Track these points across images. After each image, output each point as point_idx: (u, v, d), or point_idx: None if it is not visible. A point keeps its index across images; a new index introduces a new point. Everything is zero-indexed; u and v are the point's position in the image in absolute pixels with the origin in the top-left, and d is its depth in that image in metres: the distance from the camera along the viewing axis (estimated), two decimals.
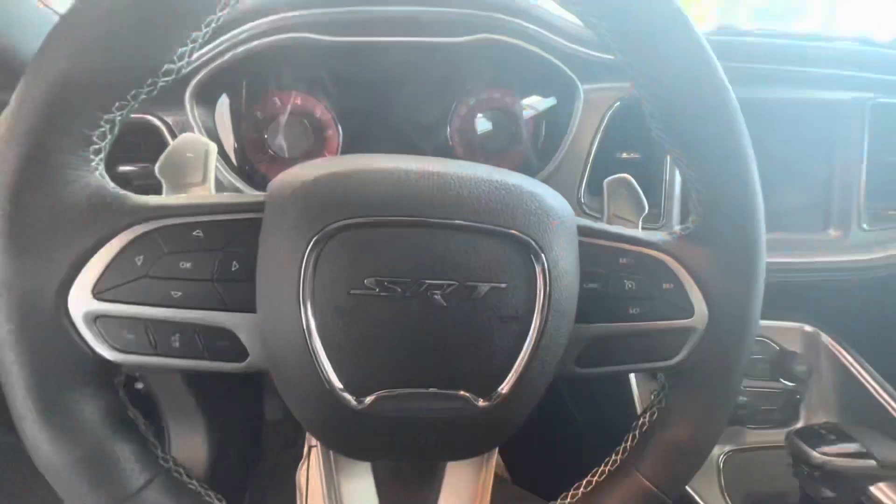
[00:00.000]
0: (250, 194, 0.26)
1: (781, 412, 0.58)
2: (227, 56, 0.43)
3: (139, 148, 0.45)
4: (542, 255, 0.24)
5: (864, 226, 0.53)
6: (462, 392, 0.25)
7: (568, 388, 0.67)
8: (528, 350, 0.25)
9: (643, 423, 0.31)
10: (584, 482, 0.31)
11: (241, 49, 0.43)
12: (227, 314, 0.24)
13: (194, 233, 0.24)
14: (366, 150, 0.52)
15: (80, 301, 0.22)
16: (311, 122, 0.50)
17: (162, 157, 0.28)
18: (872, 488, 0.48)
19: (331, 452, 0.29)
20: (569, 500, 0.30)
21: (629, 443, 0.31)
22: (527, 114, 0.52)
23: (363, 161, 0.25)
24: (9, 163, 0.21)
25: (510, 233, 0.24)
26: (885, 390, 0.53)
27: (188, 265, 0.24)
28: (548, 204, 0.26)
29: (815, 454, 0.41)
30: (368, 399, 0.24)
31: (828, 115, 0.53)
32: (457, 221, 0.24)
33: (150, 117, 0.44)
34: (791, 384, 0.58)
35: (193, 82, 0.44)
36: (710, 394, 0.29)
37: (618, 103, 0.50)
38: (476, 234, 0.24)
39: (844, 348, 0.57)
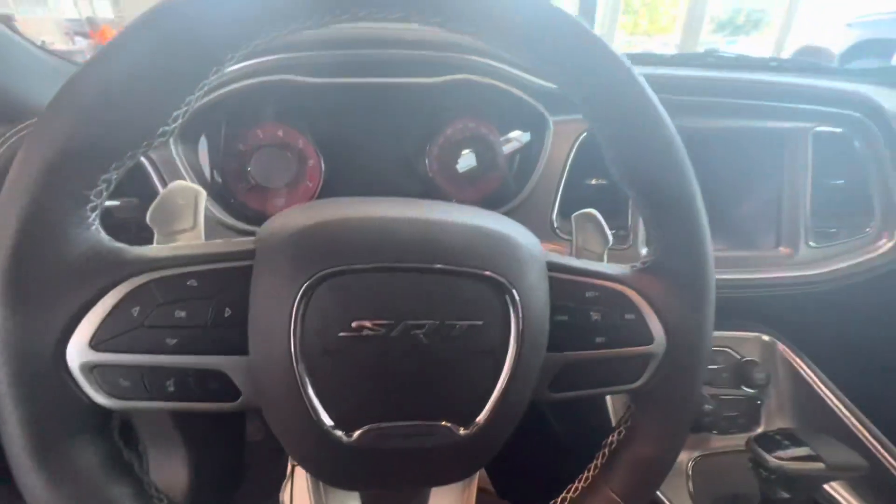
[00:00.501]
0: (240, 241, 0.27)
1: (744, 417, 0.62)
2: (211, 96, 0.45)
3: (122, 184, 0.45)
4: (515, 292, 0.26)
5: (811, 243, 0.58)
6: (444, 423, 0.27)
7: (550, 405, 0.69)
8: (504, 381, 0.27)
9: (612, 442, 0.33)
10: (560, 498, 0.33)
11: (224, 90, 0.44)
12: (220, 357, 0.25)
13: (188, 282, 0.25)
14: (348, 179, 0.54)
15: (78, 352, 0.23)
16: (294, 153, 0.51)
17: (153, 206, 0.29)
18: (825, 487, 0.52)
19: (320, 487, 0.30)
20: None
21: (599, 460, 0.33)
22: (508, 148, 0.55)
23: (347, 209, 0.27)
24: (10, 222, 0.22)
25: (485, 274, 0.26)
26: (835, 394, 0.58)
27: (183, 314, 0.25)
28: (519, 244, 0.28)
29: (771, 459, 0.45)
30: (357, 433, 0.26)
31: (776, 143, 0.58)
32: (436, 266, 0.26)
33: None
34: (751, 391, 0.62)
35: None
36: (670, 413, 0.32)
37: (584, 134, 0.53)
38: (454, 277, 0.26)
39: (798, 356, 0.61)
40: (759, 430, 0.62)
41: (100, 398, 0.24)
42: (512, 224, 0.30)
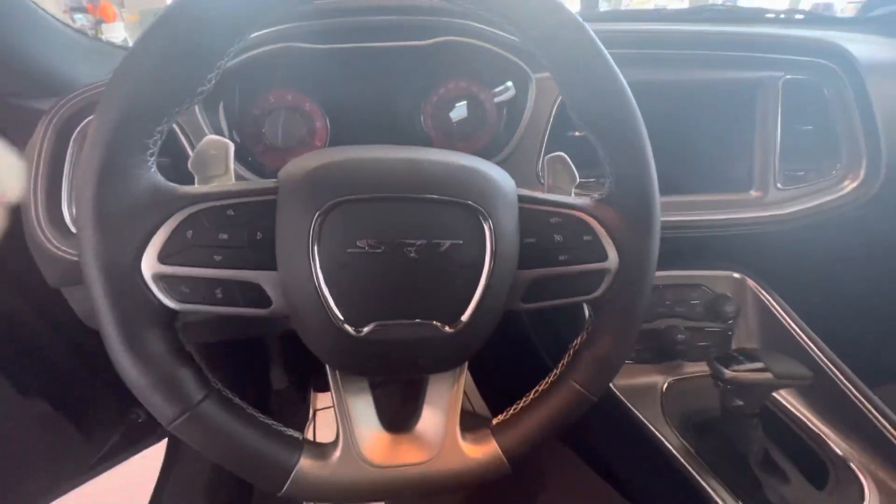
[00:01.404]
0: (265, 181, 0.34)
1: (715, 348, 0.69)
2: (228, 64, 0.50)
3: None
4: (490, 219, 0.33)
5: (780, 185, 0.62)
6: (434, 321, 0.34)
7: (540, 339, 0.77)
8: (482, 289, 0.34)
9: (575, 345, 0.40)
10: (532, 392, 0.40)
11: (236, 60, 0.50)
12: (256, 272, 0.33)
13: (228, 212, 0.32)
14: (351, 138, 0.60)
15: (149, 265, 0.31)
16: (302, 115, 0.57)
17: (193, 156, 0.36)
18: (776, 396, 0.59)
19: (339, 379, 0.38)
20: (519, 407, 0.40)
21: (565, 360, 0.40)
22: (499, 99, 0.60)
23: (353, 152, 0.34)
24: (92, 167, 0.28)
25: (467, 203, 0.33)
26: (795, 322, 0.64)
27: (225, 236, 0.32)
28: (495, 180, 0.34)
29: (726, 371, 0.51)
30: (365, 329, 0.33)
31: (748, 92, 0.62)
32: (425, 195, 0.32)
33: None
34: (723, 324, 0.69)
35: None
36: (623, 318, 0.38)
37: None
38: (441, 205, 0.33)
39: (766, 290, 0.67)
40: None
41: (167, 301, 0.31)
42: (489, 164, 0.36)
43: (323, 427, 1.10)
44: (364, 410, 0.39)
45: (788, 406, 0.62)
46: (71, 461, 0.88)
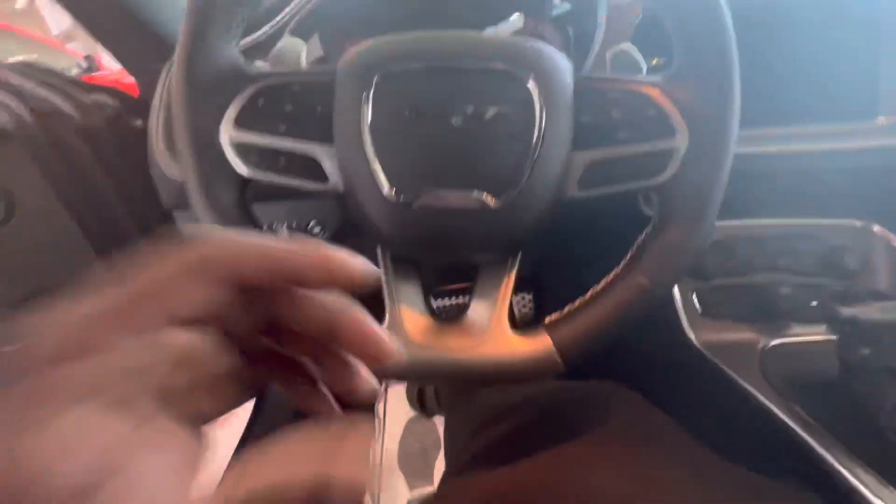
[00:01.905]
0: (328, 65, 0.36)
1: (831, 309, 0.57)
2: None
3: None
4: (539, 88, 0.32)
5: None
6: (481, 192, 0.33)
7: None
8: (530, 163, 0.32)
9: (640, 238, 0.36)
10: (592, 289, 0.37)
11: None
12: (314, 145, 0.35)
13: (293, 88, 0.35)
14: None
15: (227, 130, 0.34)
16: None
17: (274, 50, 0.39)
18: None
19: (388, 262, 0.38)
20: (576, 304, 0.37)
21: (630, 254, 0.36)
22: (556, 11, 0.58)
23: (403, 34, 0.35)
24: (185, 43, 0.33)
25: (514, 70, 0.32)
26: None
27: (289, 107, 0.34)
28: (548, 53, 0.33)
29: (844, 309, 0.43)
30: (411, 197, 0.33)
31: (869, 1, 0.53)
32: (471, 64, 0.32)
33: None
34: (843, 281, 0.58)
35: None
36: (694, 203, 0.34)
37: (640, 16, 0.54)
38: (487, 74, 0.33)
39: None
40: None
41: (239, 167, 0.34)
42: (543, 43, 0.34)
43: (393, 397, 1.11)
44: (412, 294, 0.38)
45: None
46: None
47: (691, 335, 0.58)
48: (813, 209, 0.59)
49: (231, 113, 0.34)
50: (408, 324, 0.36)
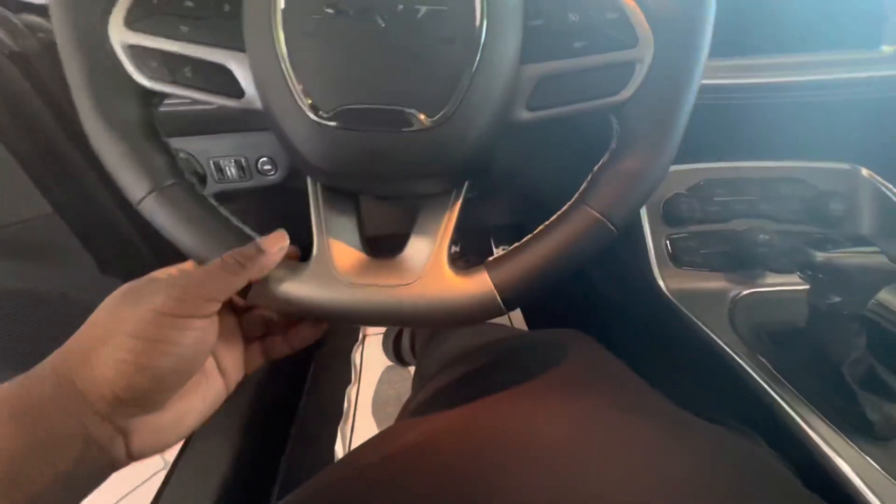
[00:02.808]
0: None
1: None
2: None
3: None
4: None
5: None
6: (411, 109, 0.28)
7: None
8: (468, 73, 0.28)
9: (596, 166, 0.32)
10: (542, 225, 0.34)
11: None
12: (224, 51, 0.30)
13: None
14: None
15: (116, 31, 0.29)
16: None
17: None
18: (883, 292, 0.45)
19: (318, 190, 0.34)
20: (521, 243, 0.33)
21: (584, 185, 0.33)
22: None
23: None
24: None
25: None
26: None
27: (190, 3, 0.29)
28: None
29: (818, 253, 0.40)
30: (331, 112, 0.29)
31: None
32: None
33: None
34: (827, 228, 0.55)
35: None
36: (656, 124, 0.30)
37: None
38: None
39: (890, 181, 0.51)
40: None
41: (138, 76, 0.30)
42: None
43: (370, 352, 1.11)
44: (344, 227, 0.35)
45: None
46: None
47: (661, 283, 0.56)
48: (801, 151, 0.55)
49: (119, 8, 0.29)
50: (337, 259, 0.33)
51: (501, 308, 0.33)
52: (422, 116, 0.29)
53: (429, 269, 0.33)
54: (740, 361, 0.46)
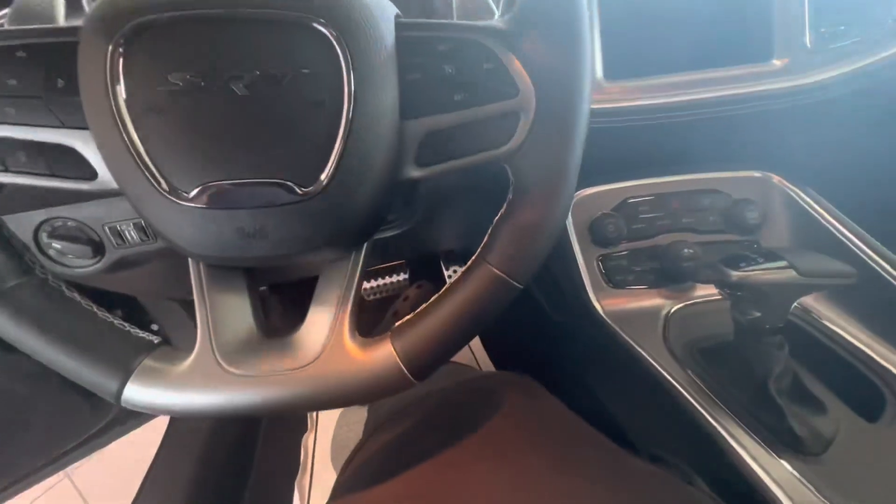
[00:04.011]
0: (72, 22, 0.27)
1: None
2: None
3: None
4: (345, 40, 0.25)
5: (810, 45, 0.48)
6: (285, 181, 0.26)
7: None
8: (343, 136, 0.26)
9: (495, 221, 0.31)
10: (444, 287, 0.32)
11: None
12: (65, 131, 0.26)
13: (18, 53, 0.26)
14: None
15: None
16: None
17: (11, 8, 0.30)
18: (806, 305, 0.47)
19: (201, 271, 0.31)
20: (424, 307, 0.31)
21: (483, 242, 0.31)
22: None
23: None
24: None
25: (309, 19, 0.25)
26: (841, 221, 0.50)
27: (14, 82, 0.26)
28: None
29: (732, 273, 0.40)
30: (193, 192, 0.26)
31: None
32: (254, 11, 0.24)
33: None
34: (744, 235, 0.56)
35: None
36: (547, 174, 0.29)
37: None
38: (277, 25, 0.25)
39: (798, 187, 0.53)
40: None
41: None
42: None
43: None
44: (233, 307, 0.32)
45: (826, 322, 0.48)
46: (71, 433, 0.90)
47: (598, 307, 0.55)
48: (714, 165, 0.56)
49: None
50: (224, 347, 0.30)
51: (410, 381, 0.30)
52: (297, 187, 0.26)
53: (329, 346, 0.31)
54: (672, 381, 0.46)
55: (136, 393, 0.29)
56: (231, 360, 0.30)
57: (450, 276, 1.07)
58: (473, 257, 0.31)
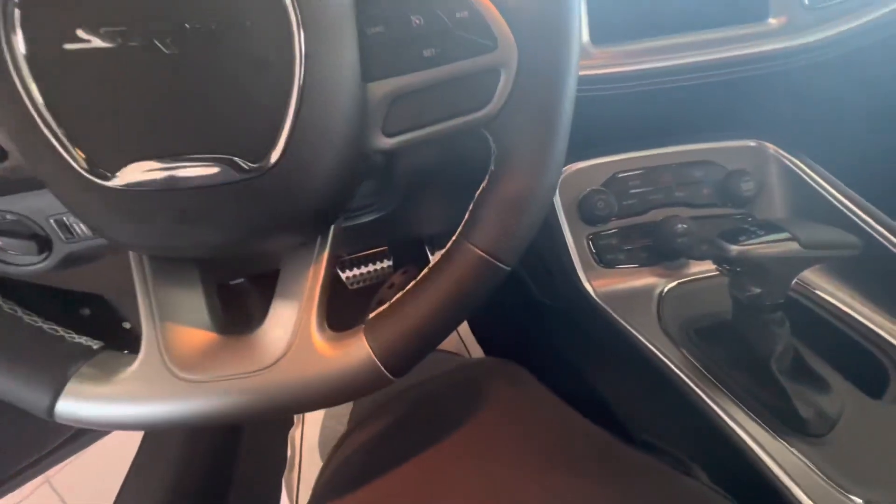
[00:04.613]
0: None
1: None
2: None
3: None
4: None
5: (805, 2, 0.45)
6: (230, 156, 0.22)
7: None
8: (295, 101, 0.22)
9: (476, 196, 0.27)
10: (426, 268, 0.28)
11: None
12: None
13: None
14: None
15: None
16: None
17: None
18: (806, 279, 0.44)
19: (144, 263, 0.27)
20: (400, 295, 0.28)
21: (464, 219, 0.28)
22: None
23: None
24: None
25: None
26: (839, 189, 0.48)
27: None
28: None
29: (731, 247, 0.37)
30: (118, 174, 0.22)
31: None
32: None
33: None
34: (739, 208, 0.53)
35: None
36: (535, 139, 0.25)
37: None
38: None
39: (794, 155, 0.51)
40: None
41: None
42: None
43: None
44: (183, 304, 0.28)
45: (826, 296, 0.46)
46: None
47: (588, 288, 0.52)
48: (706, 136, 0.53)
49: None
50: (172, 349, 0.26)
51: (388, 378, 0.27)
52: (243, 163, 0.22)
53: (294, 343, 0.27)
54: (668, 363, 0.44)
55: (70, 407, 0.25)
56: (182, 364, 0.26)
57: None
58: (454, 238, 0.28)
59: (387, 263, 1.21)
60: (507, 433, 0.36)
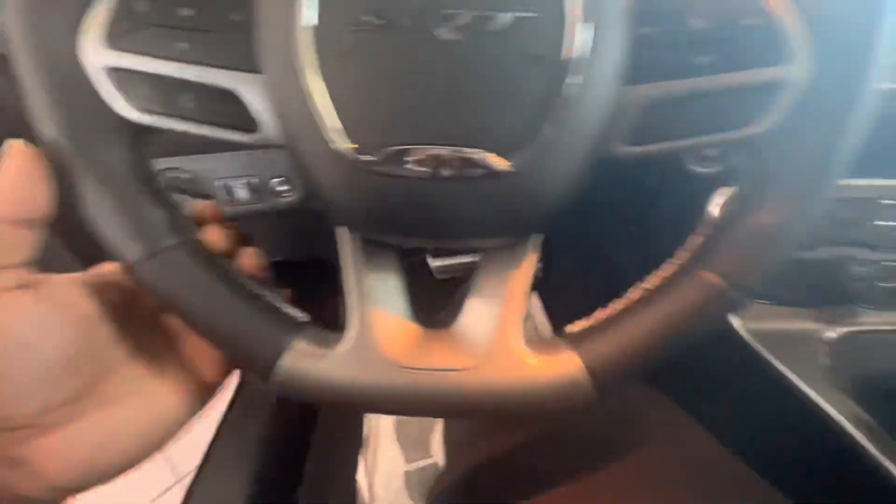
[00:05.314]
0: None
1: None
2: None
3: None
4: None
5: None
6: (482, 149, 0.22)
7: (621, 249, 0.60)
8: (563, 101, 0.21)
9: (707, 220, 0.25)
10: (637, 292, 0.27)
11: None
12: (233, 74, 0.23)
13: None
14: None
15: (93, 50, 0.22)
16: None
17: None
18: None
19: (354, 245, 0.28)
20: (616, 310, 0.26)
21: (700, 241, 0.26)
22: None
23: None
24: None
25: None
26: None
27: (189, 12, 0.22)
28: None
29: None
30: (378, 155, 0.22)
31: None
32: None
33: None
34: None
35: None
36: (808, 167, 0.23)
37: None
38: None
39: None
40: None
41: (124, 107, 0.23)
42: None
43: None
44: (388, 291, 0.28)
45: None
46: None
47: (736, 322, 0.48)
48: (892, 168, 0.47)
49: (95, 20, 0.22)
50: (381, 333, 0.26)
51: (594, 397, 0.26)
52: (496, 159, 0.22)
53: (496, 346, 0.26)
54: (845, 423, 0.39)
55: (285, 378, 0.26)
56: (392, 350, 0.26)
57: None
58: (681, 260, 0.26)
59: (477, 257, 1.22)
60: (665, 477, 0.33)
